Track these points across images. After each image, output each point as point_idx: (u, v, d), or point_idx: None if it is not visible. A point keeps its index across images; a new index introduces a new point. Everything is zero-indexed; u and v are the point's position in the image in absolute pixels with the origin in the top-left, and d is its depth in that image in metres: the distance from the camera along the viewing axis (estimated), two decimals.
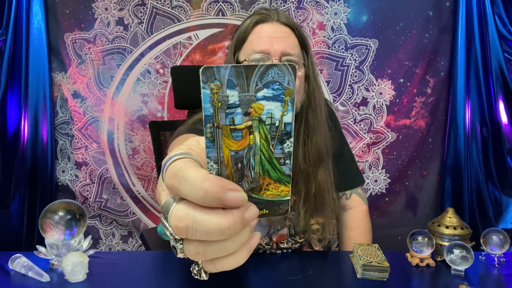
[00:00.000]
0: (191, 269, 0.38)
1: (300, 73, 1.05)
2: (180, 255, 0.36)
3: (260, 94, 0.34)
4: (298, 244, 1.20)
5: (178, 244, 0.35)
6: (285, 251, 1.19)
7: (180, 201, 0.34)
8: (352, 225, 1.27)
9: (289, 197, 0.38)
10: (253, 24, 1.05)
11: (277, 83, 0.34)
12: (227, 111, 0.34)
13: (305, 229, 1.16)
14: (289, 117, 0.35)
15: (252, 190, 0.37)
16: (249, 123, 0.35)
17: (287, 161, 0.37)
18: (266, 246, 1.17)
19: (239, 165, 0.36)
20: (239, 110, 0.34)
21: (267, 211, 0.38)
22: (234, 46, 1.08)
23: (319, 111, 1.10)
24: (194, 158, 0.36)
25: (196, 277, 0.38)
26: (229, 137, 0.35)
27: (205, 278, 0.38)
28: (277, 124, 0.35)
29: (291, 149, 0.36)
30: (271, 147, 0.36)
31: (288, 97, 0.34)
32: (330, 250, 1.33)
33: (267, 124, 0.35)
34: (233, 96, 0.34)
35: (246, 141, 0.35)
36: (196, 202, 0.33)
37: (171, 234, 0.36)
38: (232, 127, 0.35)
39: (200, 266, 0.38)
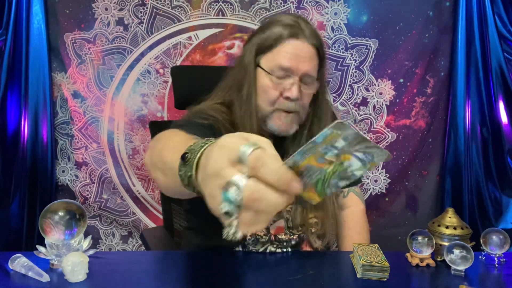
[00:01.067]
0: (225, 232, 0.46)
1: (313, 88, 1.09)
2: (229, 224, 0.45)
3: (356, 153, 0.47)
4: (296, 236, 1.19)
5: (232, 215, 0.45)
6: (285, 243, 1.18)
7: (251, 178, 0.43)
8: (350, 224, 1.27)
9: (314, 203, 0.52)
10: (286, 37, 1.05)
11: (370, 155, 0.47)
12: (329, 146, 0.46)
13: (303, 222, 1.17)
14: (359, 172, 0.48)
15: None
16: (333, 159, 0.47)
17: (332, 191, 0.50)
18: (264, 237, 1.16)
19: (304, 172, 0.48)
20: (335, 151, 0.46)
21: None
22: (258, 48, 1.08)
23: (324, 120, 1.15)
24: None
25: (230, 238, 0.46)
26: (316, 158, 0.47)
27: (240, 237, 0.46)
28: (348, 171, 0.48)
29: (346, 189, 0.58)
30: (333, 178, 0.49)
31: (369, 167, 0.48)
32: (329, 250, 1.33)
33: (343, 168, 0.48)
34: (341, 142, 0.46)
35: (322, 165, 0.47)
36: (268, 181, 0.42)
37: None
38: (322, 154, 0.47)
39: (235, 229, 0.45)
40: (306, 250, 1.24)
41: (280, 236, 1.18)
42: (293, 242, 1.19)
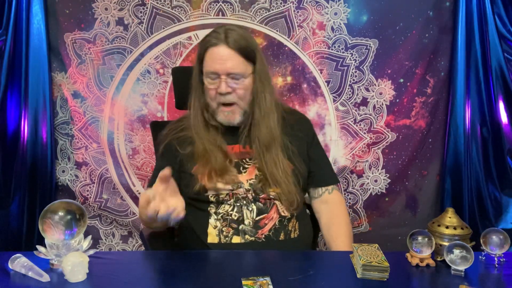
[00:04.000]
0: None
1: (246, 81, 1.29)
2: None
3: None
4: (259, 195, 1.31)
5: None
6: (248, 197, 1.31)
7: None
8: (338, 212, 1.39)
9: None
10: (207, 47, 1.29)
11: None
12: None
13: (264, 192, 1.31)
14: None
15: None
16: None
17: None
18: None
19: None
20: None
21: None
22: (198, 57, 1.34)
23: (264, 108, 1.33)
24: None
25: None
26: None
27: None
28: None
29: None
30: None
31: None
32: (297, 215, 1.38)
33: None
34: None
35: None
36: None
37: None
38: None
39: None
40: (273, 220, 1.30)
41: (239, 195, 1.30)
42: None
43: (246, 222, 1.28)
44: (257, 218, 1.28)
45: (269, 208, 1.30)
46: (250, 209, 1.29)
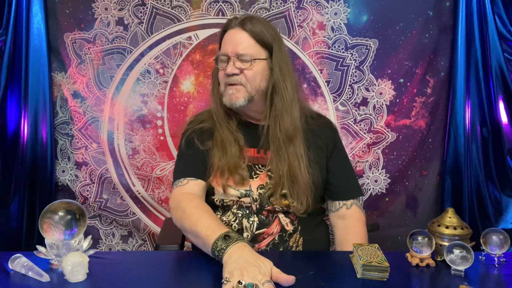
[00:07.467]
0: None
1: (258, 65, 1.25)
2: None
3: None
4: (264, 207, 1.27)
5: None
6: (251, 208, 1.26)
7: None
8: (354, 230, 1.31)
9: None
10: (224, 31, 1.31)
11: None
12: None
13: (272, 204, 1.27)
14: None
15: None
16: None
17: None
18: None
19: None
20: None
21: None
22: (219, 43, 1.34)
23: (286, 98, 1.27)
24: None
25: None
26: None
27: None
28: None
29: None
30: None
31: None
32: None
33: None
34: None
35: None
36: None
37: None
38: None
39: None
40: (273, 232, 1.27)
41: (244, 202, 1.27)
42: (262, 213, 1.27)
43: (245, 235, 1.25)
44: (256, 232, 1.25)
45: (271, 221, 1.27)
46: (251, 221, 1.26)
